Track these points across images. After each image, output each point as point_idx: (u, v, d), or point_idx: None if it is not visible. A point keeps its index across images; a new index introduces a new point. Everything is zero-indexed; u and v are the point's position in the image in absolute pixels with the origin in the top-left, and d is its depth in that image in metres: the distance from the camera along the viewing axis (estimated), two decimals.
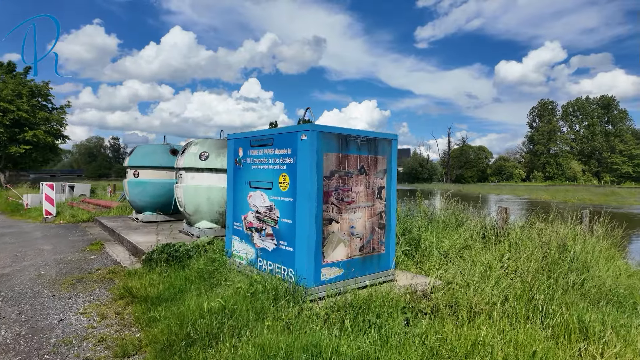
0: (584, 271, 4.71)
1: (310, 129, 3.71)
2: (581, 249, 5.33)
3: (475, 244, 6.21)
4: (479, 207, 8.42)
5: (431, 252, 5.90)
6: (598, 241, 5.97)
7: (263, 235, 4.31)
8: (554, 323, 3.23)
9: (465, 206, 8.80)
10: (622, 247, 6.92)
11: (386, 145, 4.48)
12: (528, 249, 5.52)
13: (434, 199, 8.50)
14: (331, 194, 3.90)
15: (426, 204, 8.47)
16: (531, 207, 22.80)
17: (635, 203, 25.92)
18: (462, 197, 9.90)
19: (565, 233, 5.81)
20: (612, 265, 5.22)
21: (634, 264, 6.81)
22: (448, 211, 8.10)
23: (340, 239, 4.01)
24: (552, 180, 75.76)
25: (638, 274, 5.48)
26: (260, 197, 4.35)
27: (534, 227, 6.76)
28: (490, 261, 5.06)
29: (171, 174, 8.85)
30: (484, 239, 6.76)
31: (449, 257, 5.72)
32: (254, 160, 4.47)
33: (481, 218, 7.58)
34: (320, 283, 3.80)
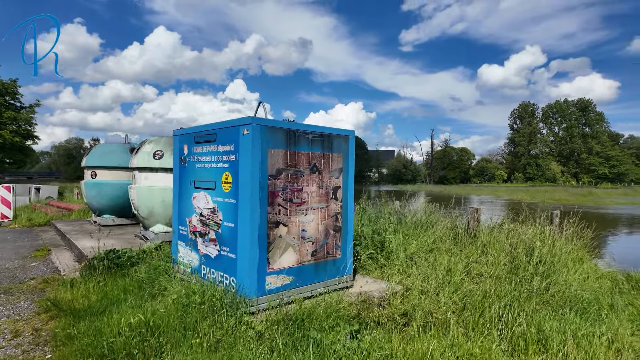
0: (550, 275, 4.49)
1: (252, 122, 3.37)
2: (548, 251, 5.13)
3: (444, 246, 5.96)
4: (451, 207, 8.21)
5: (397, 256, 5.62)
6: (567, 243, 5.80)
7: (206, 240, 3.93)
8: (512, 334, 2.96)
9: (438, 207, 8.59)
10: (593, 247, 6.80)
11: (342, 142, 4.17)
12: (495, 252, 5.30)
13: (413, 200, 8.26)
14: (278, 194, 3.56)
15: (397, 205, 8.22)
16: (508, 207, 22.98)
17: (610, 203, 26.41)
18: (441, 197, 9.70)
19: (533, 234, 5.61)
20: (579, 267, 5.03)
21: (604, 266, 6.68)
22: (420, 212, 7.86)
23: (289, 243, 3.67)
24: (532, 181, 77.18)
25: (607, 276, 5.32)
26: (204, 199, 3.98)
27: (503, 229, 6.57)
28: (455, 265, 4.81)
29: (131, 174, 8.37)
30: (455, 241, 6.53)
31: (415, 260, 5.45)
32: (198, 158, 4.10)
33: (452, 219, 7.36)
34: (264, 293, 3.45)
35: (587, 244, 6.42)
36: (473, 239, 6.37)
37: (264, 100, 4.09)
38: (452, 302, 3.61)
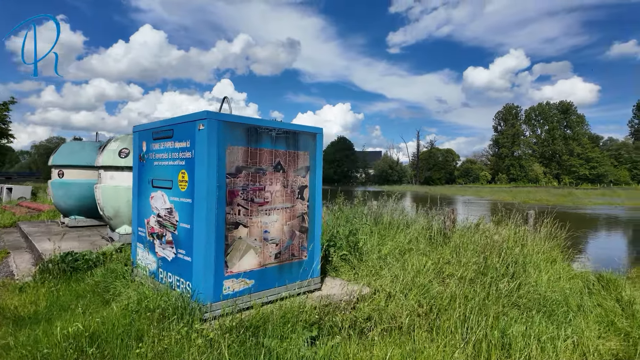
0: (520, 276, 4.43)
1: (207, 117, 3.18)
2: (520, 252, 5.08)
3: (419, 247, 5.86)
4: (428, 208, 8.15)
5: (371, 257, 5.50)
6: (540, 243, 5.77)
7: (163, 242, 3.73)
8: (476, 338, 2.84)
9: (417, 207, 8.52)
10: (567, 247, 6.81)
11: (309, 140, 4.02)
12: (468, 253, 5.22)
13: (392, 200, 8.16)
14: (237, 193, 3.39)
15: (375, 205, 8.12)
16: (489, 208, 23.21)
17: (589, 204, 26.95)
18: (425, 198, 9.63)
19: (507, 235, 5.56)
20: (551, 268, 4.98)
21: (578, 266, 6.69)
22: (397, 212, 7.78)
23: (250, 245, 3.50)
24: (515, 182, 78.43)
25: (579, 276, 5.29)
26: (161, 198, 3.77)
27: (478, 229, 6.52)
28: (426, 266, 4.70)
29: None
30: (431, 241, 6.45)
31: (387, 261, 5.33)
32: (155, 155, 3.89)
33: (428, 219, 7.29)
34: (221, 298, 3.26)
35: (561, 244, 6.42)
36: (448, 239, 6.30)
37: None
38: (418, 305, 3.49)
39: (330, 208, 7.53)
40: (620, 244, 11.47)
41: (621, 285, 4.91)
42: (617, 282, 5.05)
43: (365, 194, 8.69)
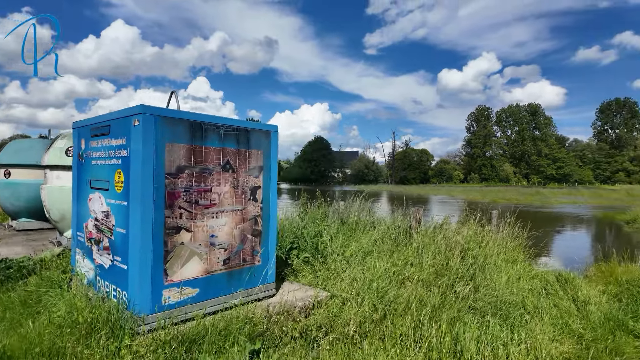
0: (480, 278, 4.38)
1: (143, 111, 2.92)
2: (482, 252, 5.04)
3: (383, 248, 5.75)
4: (396, 207, 8.09)
5: (334, 259, 5.35)
6: (502, 243, 5.78)
7: (101, 248, 3.43)
8: (428, 346, 2.72)
9: (386, 206, 8.45)
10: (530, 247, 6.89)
11: (263, 138, 3.80)
12: (430, 254, 5.15)
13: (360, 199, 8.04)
14: (179, 195, 3.14)
15: (342, 205, 7.98)
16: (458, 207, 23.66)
17: (555, 202, 27.95)
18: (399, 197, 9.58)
19: (470, 235, 5.53)
20: (512, 268, 4.98)
21: (540, 266, 6.77)
22: (365, 212, 7.67)
23: (194, 251, 3.25)
24: (487, 181, 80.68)
25: (540, 276, 5.32)
26: (98, 201, 3.47)
27: (442, 229, 6.48)
28: (386, 268, 4.58)
29: None
30: (396, 242, 6.36)
31: (350, 263, 5.19)
32: (93, 153, 3.58)
33: (393, 220, 7.21)
34: (160, 309, 3.01)
35: (523, 244, 6.47)
36: (413, 239, 6.23)
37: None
38: (373, 310, 3.34)
39: (303, 208, 7.34)
40: (581, 242, 11.85)
41: (578, 284, 4.95)
42: (574, 282, 5.10)
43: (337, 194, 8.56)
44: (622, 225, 14.55)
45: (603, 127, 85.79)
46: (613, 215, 16.95)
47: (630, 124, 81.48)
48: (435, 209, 21.80)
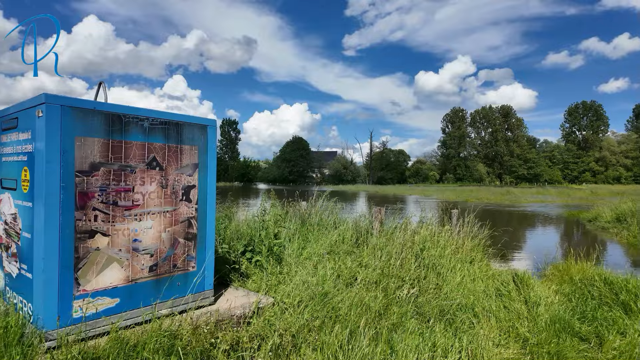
0: (432, 279, 4.24)
1: (46, 101, 2.59)
2: (437, 253, 4.93)
3: (342, 249, 5.57)
4: (355, 207, 7.94)
5: (288, 263, 5.13)
6: (461, 242, 5.69)
7: (9, 255, 3.07)
8: (361, 357, 2.52)
9: (351, 207, 8.29)
10: (491, 245, 6.86)
11: (198, 133, 3.52)
12: (384, 255, 4.99)
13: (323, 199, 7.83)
14: (93, 195, 2.82)
15: (304, 205, 7.76)
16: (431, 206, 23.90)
17: (524, 202, 28.70)
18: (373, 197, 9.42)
19: (425, 235, 5.41)
20: (468, 269, 4.88)
21: (500, 265, 6.75)
22: (327, 212, 7.47)
23: (113, 257, 2.94)
24: (461, 181, 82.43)
25: (496, 276, 5.26)
26: (7, 202, 3.10)
27: (401, 230, 6.36)
28: (340, 271, 4.38)
29: None
30: (358, 243, 6.19)
31: (305, 266, 4.98)
32: (3, 149, 3.21)
33: (356, 220, 7.05)
34: (69, 322, 2.69)
35: (483, 243, 6.42)
36: (371, 241, 6.07)
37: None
38: (313, 317, 3.13)
39: (263, 208, 7.07)
40: (544, 241, 12.07)
41: (532, 285, 4.90)
42: (529, 282, 5.05)
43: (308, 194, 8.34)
44: (584, 224, 14.98)
45: (571, 129, 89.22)
46: (577, 213, 17.47)
47: (596, 125, 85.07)
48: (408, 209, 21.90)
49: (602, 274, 4.88)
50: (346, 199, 30.26)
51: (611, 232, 12.12)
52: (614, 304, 4.00)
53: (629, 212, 12.37)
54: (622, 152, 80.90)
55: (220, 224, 6.97)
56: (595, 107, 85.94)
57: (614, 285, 4.37)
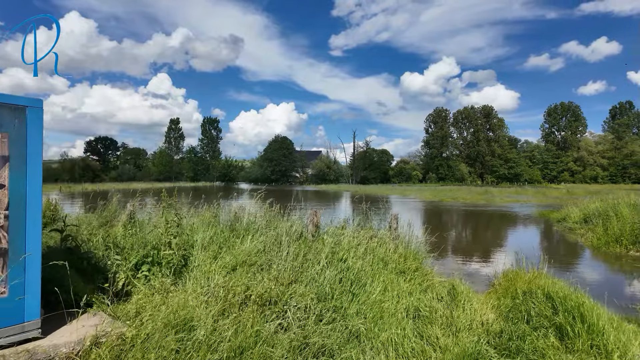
0: (342, 297, 3.50)
1: None
2: (360, 264, 4.19)
3: (258, 260, 4.78)
4: (295, 207, 7.17)
5: (190, 276, 4.35)
6: (395, 249, 4.98)
7: None
8: None
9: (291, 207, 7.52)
10: (447, 249, 6.17)
11: (7, 115, 2.68)
12: (308, 264, 4.23)
13: (256, 198, 7.03)
14: None
15: (236, 207, 6.95)
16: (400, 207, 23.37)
17: (500, 201, 28.44)
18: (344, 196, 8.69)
19: (349, 242, 4.68)
20: (393, 281, 4.15)
21: (450, 272, 6.08)
22: (260, 214, 6.68)
23: None
24: (444, 181, 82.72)
25: (432, 287, 4.55)
26: None
27: (334, 234, 5.62)
28: (233, 290, 3.60)
29: None
30: (279, 248, 5.41)
31: (208, 281, 4.18)
32: None
33: (290, 222, 6.27)
34: None
35: (430, 249, 5.73)
36: (302, 246, 5.30)
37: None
38: (169, 351, 2.34)
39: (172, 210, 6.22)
40: (505, 243, 11.54)
41: (468, 300, 4.21)
42: (467, 296, 4.36)
43: (249, 193, 7.54)
44: (552, 224, 14.56)
45: (550, 130, 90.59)
46: (547, 213, 17.09)
47: (574, 126, 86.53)
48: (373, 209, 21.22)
49: (547, 286, 4.23)
50: (322, 199, 29.55)
51: (577, 233, 11.67)
52: (551, 326, 3.34)
53: (596, 212, 11.95)
54: (599, 152, 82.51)
55: (130, 230, 6.13)
56: (573, 108, 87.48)
57: (554, 302, 3.71)
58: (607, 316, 3.63)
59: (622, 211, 10.89)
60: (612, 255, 8.95)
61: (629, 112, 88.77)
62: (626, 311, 5.03)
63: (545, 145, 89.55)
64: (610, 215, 10.91)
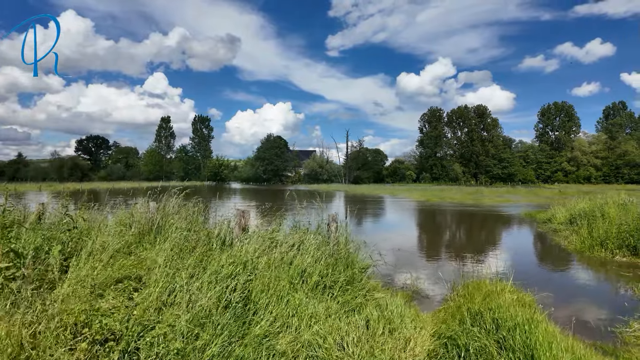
0: (244, 319, 2.60)
1: None
2: (269, 278, 3.28)
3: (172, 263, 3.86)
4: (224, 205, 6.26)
5: (61, 291, 3.42)
6: (317, 259, 4.08)
7: None
8: None
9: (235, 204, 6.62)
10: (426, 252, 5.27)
11: None
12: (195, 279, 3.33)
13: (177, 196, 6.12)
14: None
15: (153, 206, 6.03)
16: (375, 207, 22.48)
17: (488, 201, 27.63)
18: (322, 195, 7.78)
19: (254, 250, 3.77)
20: (307, 303, 3.24)
21: (395, 282, 5.21)
22: (180, 214, 5.77)
23: None
24: (438, 181, 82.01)
25: (368, 307, 3.65)
26: None
27: (262, 237, 4.73)
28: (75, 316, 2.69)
29: None
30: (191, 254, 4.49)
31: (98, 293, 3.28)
32: None
33: (218, 223, 5.36)
34: None
35: (382, 254, 4.84)
36: (227, 248, 4.41)
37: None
38: None
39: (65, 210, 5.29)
40: (481, 247, 10.71)
41: (403, 324, 3.32)
42: (403, 319, 3.47)
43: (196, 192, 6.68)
44: (537, 225, 13.72)
45: (544, 129, 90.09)
46: (534, 213, 16.26)
47: (568, 126, 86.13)
48: (332, 209, 20.45)
49: (501, 306, 3.35)
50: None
51: (561, 235, 10.80)
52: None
53: (582, 212, 11.12)
54: (593, 152, 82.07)
55: None
56: (566, 108, 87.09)
57: (501, 333, 2.85)
58: (571, 356, 2.74)
59: (609, 211, 10.06)
60: (596, 260, 8.08)
61: (622, 112, 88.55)
62: (601, 336, 4.16)
63: (539, 145, 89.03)
64: (596, 216, 10.08)
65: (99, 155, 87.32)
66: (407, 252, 9.42)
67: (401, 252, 9.21)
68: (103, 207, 7.42)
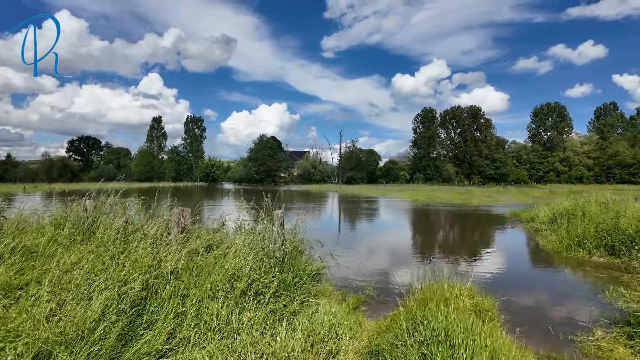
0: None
1: None
2: (176, 286, 2.91)
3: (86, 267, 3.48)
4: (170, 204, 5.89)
5: None
6: (254, 259, 3.72)
7: None
8: None
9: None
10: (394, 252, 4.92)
11: None
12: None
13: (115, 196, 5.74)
14: None
15: (88, 205, 5.63)
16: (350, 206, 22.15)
17: (478, 201, 27.39)
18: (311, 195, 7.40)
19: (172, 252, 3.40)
20: (223, 314, 2.88)
21: (352, 285, 4.87)
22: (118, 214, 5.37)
23: None
24: (431, 181, 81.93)
25: (303, 314, 3.29)
26: None
27: (212, 234, 4.36)
28: None
29: None
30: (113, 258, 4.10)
31: None
32: None
33: (155, 224, 4.97)
34: None
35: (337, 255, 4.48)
36: None
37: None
38: None
39: None
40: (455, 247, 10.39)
41: (332, 336, 2.95)
42: (335, 329, 3.10)
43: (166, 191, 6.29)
44: (521, 224, 13.45)
45: (537, 130, 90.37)
46: (520, 213, 16.00)
47: (560, 126, 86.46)
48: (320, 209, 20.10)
49: (433, 316, 3.01)
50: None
51: (542, 234, 10.51)
52: None
53: (564, 211, 10.85)
54: (585, 152, 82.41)
55: None
56: (559, 109, 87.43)
57: (437, 335, 2.50)
58: None
59: (590, 210, 9.78)
60: (572, 261, 7.78)
61: (614, 113, 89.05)
62: (558, 346, 3.81)
63: (532, 146, 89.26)
64: (577, 215, 9.80)
65: (90, 156, 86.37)
66: (378, 251, 9.08)
67: (371, 252, 8.87)
68: (53, 207, 7.01)
